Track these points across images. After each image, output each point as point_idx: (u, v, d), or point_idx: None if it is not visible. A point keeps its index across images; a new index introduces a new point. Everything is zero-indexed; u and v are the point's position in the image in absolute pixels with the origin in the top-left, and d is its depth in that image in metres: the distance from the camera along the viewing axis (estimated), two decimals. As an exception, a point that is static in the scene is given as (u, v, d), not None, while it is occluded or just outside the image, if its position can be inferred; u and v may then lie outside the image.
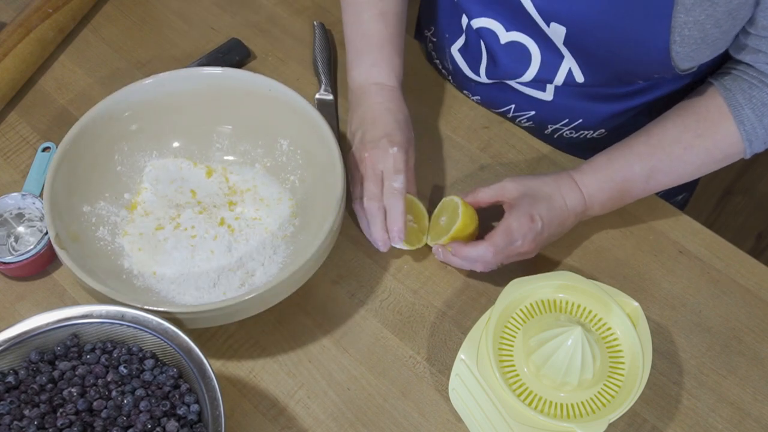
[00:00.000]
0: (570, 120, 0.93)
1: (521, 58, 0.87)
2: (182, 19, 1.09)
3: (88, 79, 1.02)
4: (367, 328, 0.83)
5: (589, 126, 0.94)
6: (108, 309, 0.72)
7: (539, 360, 0.70)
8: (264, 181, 0.89)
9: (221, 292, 0.81)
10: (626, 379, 0.71)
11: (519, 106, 0.94)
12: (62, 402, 0.69)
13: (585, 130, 0.94)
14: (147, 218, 0.86)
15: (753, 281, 0.86)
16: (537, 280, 0.76)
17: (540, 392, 0.71)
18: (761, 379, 0.80)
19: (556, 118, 0.94)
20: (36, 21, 1.01)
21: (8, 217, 0.87)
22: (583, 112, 0.92)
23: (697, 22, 0.72)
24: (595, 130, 0.94)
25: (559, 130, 0.95)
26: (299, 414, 0.78)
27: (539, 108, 0.93)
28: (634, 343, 0.72)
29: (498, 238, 0.78)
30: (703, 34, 0.74)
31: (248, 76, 0.87)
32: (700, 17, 0.72)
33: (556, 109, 0.93)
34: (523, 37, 0.85)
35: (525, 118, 0.96)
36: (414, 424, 0.77)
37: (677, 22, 0.72)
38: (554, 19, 0.79)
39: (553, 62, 0.85)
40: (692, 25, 0.73)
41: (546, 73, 0.87)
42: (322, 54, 1.02)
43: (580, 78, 0.85)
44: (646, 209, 0.91)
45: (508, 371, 0.72)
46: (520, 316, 0.75)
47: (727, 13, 0.72)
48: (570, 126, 0.94)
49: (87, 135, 0.83)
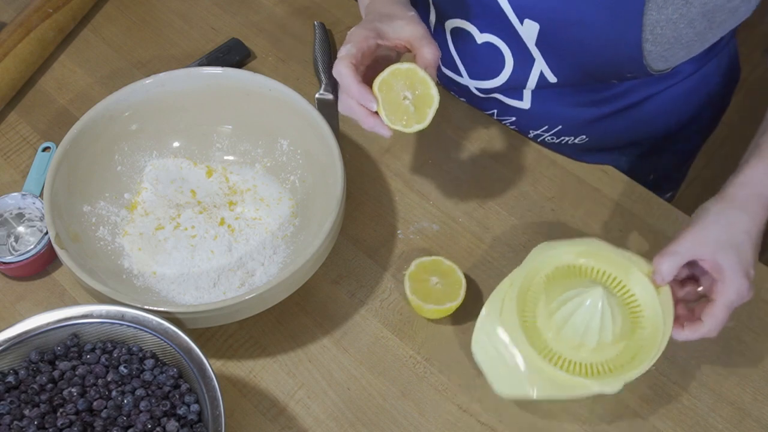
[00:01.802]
0: (549, 126, 0.93)
1: (495, 60, 0.86)
2: (182, 19, 1.09)
3: (88, 79, 1.03)
4: (367, 328, 0.83)
5: (570, 132, 0.94)
6: (108, 309, 0.72)
7: (560, 320, 0.71)
8: (264, 181, 0.89)
9: (221, 292, 0.81)
10: (646, 344, 0.72)
11: (500, 111, 0.95)
12: (62, 402, 0.69)
13: (566, 136, 0.94)
14: (147, 218, 0.86)
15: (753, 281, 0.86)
16: (561, 246, 0.76)
17: (561, 352, 0.72)
18: (761, 379, 0.80)
19: (536, 124, 0.94)
20: (36, 21, 1.01)
21: (8, 217, 0.87)
22: (561, 118, 0.92)
23: (669, 21, 0.72)
24: (576, 135, 0.94)
25: (541, 136, 0.95)
26: (299, 414, 0.78)
27: (518, 115, 0.94)
28: (656, 308, 0.72)
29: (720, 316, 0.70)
30: (676, 34, 0.73)
31: (248, 76, 0.87)
32: (672, 16, 0.71)
33: (535, 116, 0.93)
34: (496, 39, 0.84)
35: (508, 122, 0.96)
36: (414, 424, 0.77)
37: (649, 19, 0.72)
38: (528, 16, 0.79)
39: (525, 65, 0.85)
40: (665, 24, 0.72)
41: (519, 75, 0.87)
42: (322, 54, 1.02)
43: (552, 79, 0.85)
44: (645, 209, 0.91)
45: (530, 332, 0.73)
46: (544, 281, 0.76)
47: (702, 15, 0.72)
48: (550, 132, 0.94)
49: (87, 135, 0.83)
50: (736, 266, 0.70)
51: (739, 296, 0.70)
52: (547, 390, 0.71)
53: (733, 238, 0.70)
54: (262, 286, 0.73)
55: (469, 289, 0.85)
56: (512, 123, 0.96)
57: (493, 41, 0.85)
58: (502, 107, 0.94)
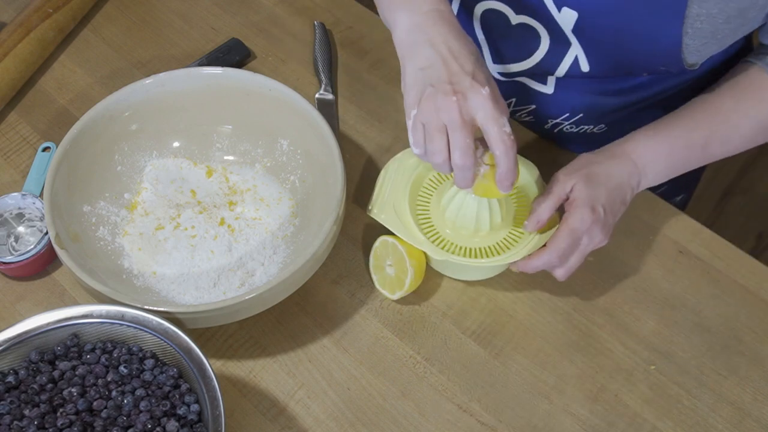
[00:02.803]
0: (570, 114, 0.93)
1: (530, 40, 0.85)
2: (182, 19, 1.09)
3: (88, 79, 1.03)
4: (367, 328, 0.83)
5: (590, 121, 0.93)
6: (108, 309, 0.72)
7: (452, 215, 0.80)
8: (264, 181, 0.89)
9: (221, 292, 0.81)
10: None
11: (520, 99, 0.94)
12: (62, 402, 0.69)
13: (585, 125, 0.94)
14: (147, 218, 0.86)
15: (753, 281, 0.86)
16: None
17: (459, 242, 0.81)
18: (761, 379, 0.80)
19: (557, 112, 0.93)
20: (36, 21, 1.01)
21: (8, 217, 0.87)
22: (584, 106, 0.92)
23: (709, 15, 0.72)
24: (596, 125, 0.94)
25: (560, 125, 0.95)
26: (299, 414, 0.78)
27: (540, 101, 0.93)
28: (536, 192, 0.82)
29: (561, 241, 0.75)
30: (713, 29, 0.74)
31: (248, 76, 0.87)
32: (712, 10, 0.72)
33: (557, 103, 0.92)
34: (532, 21, 0.83)
35: (525, 112, 0.95)
36: (414, 424, 0.77)
37: (691, 12, 0.72)
38: (566, 4, 0.78)
39: (560, 49, 0.84)
40: (704, 18, 0.73)
41: (552, 58, 0.85)
42: (322, 54, 1.02)
43: (585, 67, 0.84)
44: (646, 209, 0.91)
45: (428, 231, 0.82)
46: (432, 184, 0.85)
47: (738, 11, 0.72)
48: (570, 120, 0.93)
49: (87, 135, 0.83)
50: (585, 197, 0.76)
51: (582, 224, 0.74)
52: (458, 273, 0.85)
53: (592, 175, 0.77)
54: (262, 286, 0.73)
55: (470, 289, 0.84)
56: (530, 113, 0.95)
57: (528, 22, 0.83)
58: (524, 93, 0.93)
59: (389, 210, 0.81)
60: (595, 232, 0.76)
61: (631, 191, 0.80)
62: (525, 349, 0.82)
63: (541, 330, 0.83)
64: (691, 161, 0.83)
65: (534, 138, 0.97)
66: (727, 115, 0.81)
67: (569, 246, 0.75)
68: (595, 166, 0.79)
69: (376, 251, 0.84)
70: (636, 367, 0.81)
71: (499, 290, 0.85)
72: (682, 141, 0.81)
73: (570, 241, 0.75)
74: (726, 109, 0.81)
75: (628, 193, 0.80)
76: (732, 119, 0.81)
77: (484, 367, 0.81)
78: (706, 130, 0.81)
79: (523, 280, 0.86)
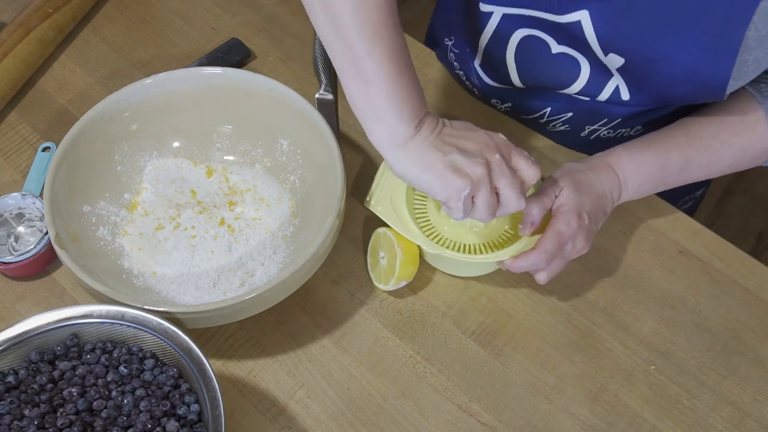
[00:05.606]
0: (609, 120, 0.92)
1: (571, 70, 0.85)
2: (182, 19, 1.09)
3: (88, 79, 1.03)
4: (367, 328, 0.83)
5: (627, 124, 0.93)
6: (108, 309, 0.72)
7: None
8: (264, 181, 0.89)
9: (221, 292, 0.81)
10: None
11: (556, 109, 0.93)
12: (62, 402, 0.69)
13: (623, 128, 0.94)
14: (147, 218, 0.86)
15: (753, 281, 0.86)
16: None
17: (455, 238, 0.81)
18: (761, 379, 0.80)
19: (595, 118, 0.92)
20: (36, 21, 1.01)
21: (8, 217, 0.87)
22: (623, 112, 0.90)
23: (756, 60, 0.73)
24: (632, 127, 0.93)
25: (597, 131, 0.94)
26: (299, 414, 0.78)
27: (578, 109, 0.91)
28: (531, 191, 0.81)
29: (548, 244, 0.76)
30: (756, 70, 0.75)
31: (248, 76, 0.87)
32: (759, 55, 0.73)
33: (596, 109, 0.90)
34: (573, 52, 0.83)
35: (560, 121, 0.94)
36: (414, 424, 0.77)
37: (740, 60, 0.73)
38: (613, 50, 0.78)
39: (601, 79, 0.84)
40: (751, 63, 0.73)
41: (591, 86, 0.86)
42: (322, 54, 1.02)
43: (626, 96, 0.85)
44: (646, 209, 0.91)
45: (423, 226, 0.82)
46: None
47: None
48: (609, 126, 0.93)
49: (87, 135, 0.83)
50: (572, 204, 0.78)
51: (569, 229, 0.76)
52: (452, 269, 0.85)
53: (578, 183, 0.80)
54: (262, 286, 0.73)
55: (470, 289, 0.84)
56: (565, 121, 0.94)
57: (570, 53, 0.83)
58: (561, 102, 0.91)
59: (386, 202, 0.82)
60: (579, 239, 0.78)
61: (612, 203, 0.82)
62: (525, 349, 0.82)
63: (541, 330, 0.83)
64: (668, 182, 0.84)
65: (534, 137, 0.97)
66: (708, 142, 0.82)
67: (555, 249, 0.76)
68: (581, 174, 0.81)
69: (372, 247, 0.85)
70: (636, 367, 0.81)
71: (499, 290, 0.85)
72: (659, 162, 0.82)
73: (556, 245, 0.76)
74: (706, 135, 0.82)
75: (609, 204, 0.82)
76: (713, 146, 0.82)
77: (484, 367, 0.81)
78: (685, 154, 0.82)
79: (523, 280, 0.86)
